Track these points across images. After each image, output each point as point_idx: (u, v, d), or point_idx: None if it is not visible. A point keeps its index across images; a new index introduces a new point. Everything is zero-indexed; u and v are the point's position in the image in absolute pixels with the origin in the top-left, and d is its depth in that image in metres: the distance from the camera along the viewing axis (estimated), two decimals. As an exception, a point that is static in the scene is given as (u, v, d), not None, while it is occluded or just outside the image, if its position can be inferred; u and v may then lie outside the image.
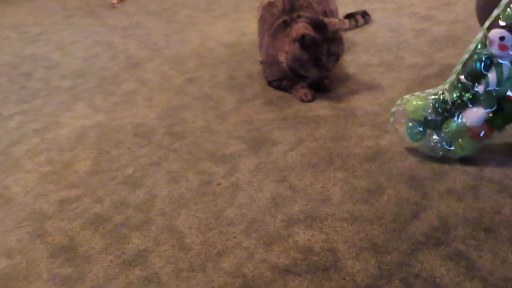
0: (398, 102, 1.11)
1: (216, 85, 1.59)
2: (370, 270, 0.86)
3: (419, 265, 0.85)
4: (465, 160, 1.07)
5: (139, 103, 1.57)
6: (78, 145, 1.41)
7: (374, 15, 1.88)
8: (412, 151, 1.13)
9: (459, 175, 1.03)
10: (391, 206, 0.99)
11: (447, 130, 1.04)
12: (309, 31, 1.30)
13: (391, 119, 1.13)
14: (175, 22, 2.25)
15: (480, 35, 1.00)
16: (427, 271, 0.84)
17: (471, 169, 1.04)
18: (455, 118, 1.04)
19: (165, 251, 0.99)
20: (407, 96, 1.10)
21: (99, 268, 0.98)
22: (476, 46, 1.01)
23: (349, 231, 0.94)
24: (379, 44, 1.65)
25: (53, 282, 0.96)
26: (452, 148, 1.06)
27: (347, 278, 0.85)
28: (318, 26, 1.31)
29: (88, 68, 1.91)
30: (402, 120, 1.11)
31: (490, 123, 1.02)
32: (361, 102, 1.35)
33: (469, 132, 1.03)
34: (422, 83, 1.37)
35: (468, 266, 0.83)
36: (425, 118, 1.08)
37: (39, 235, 1.09)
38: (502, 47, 0.96)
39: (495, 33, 0.95)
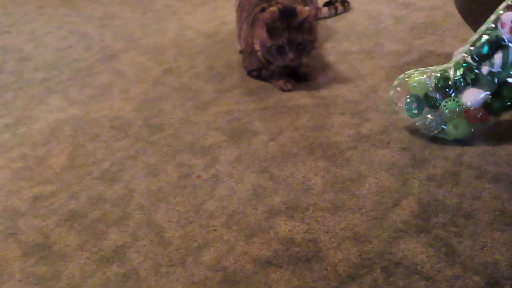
0: (401, 76, 1.11)
1: (195, 76, 1.55)
2: (351, 260, 0.85)
3: (400, 253, 0.85)
4: (444, 147, 1.07)
5: (116, 95, 1.53)
6: (52, 139, 1.36)
7: (353, 2, 1.87)
8: (393, 139, 1.12)
9: (439, 162, 1.03)
10: (372, 194, 0.98)
11: (445, 107, 1.04)
12: (269, 17, 1.27)
13: (391, 92, 1.12)
14: (152, 12, 2.19)
15: (493, 17, 1.00)
16: (408, 259, 0.84)
17: (451, 155, 1.04)
18: (454, 97, 1.04)
19: (144, 246, 0.96)
20: (410, 71, 1.10)
21: (75, 266, 0.95)
22: (487, 28, 1.00)
23: (330, 221, 0.94)
24: (359, 31, 1.64)
25: (27, 281, 0.93)
26: (446, 127, 1.06)
27: (329, 268, 0.84)
28: (288, 13, 1.29)
29: (62, 60, 1.84)
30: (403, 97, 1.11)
31: (487, 107, 1.02)
32: (342, 90, 1.34)
33: (466, 113, 1.03)
34: (402, 70, 1.35)
35: (449, 252, 0.84)
36: (425, 94, 1.08)
37: (12, 234, 1.05)
38: None
39: (509, 16, 0.95)
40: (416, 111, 1.09)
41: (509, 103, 1.02)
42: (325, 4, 1.82)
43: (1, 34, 2.22)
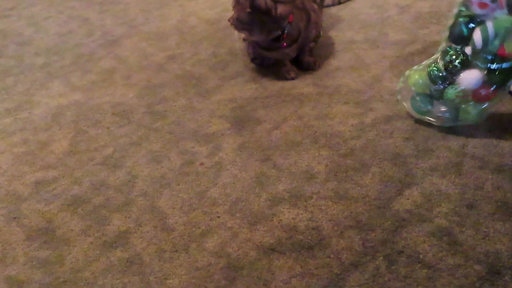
0: (401, 79, 1.12)
1: (198, 63, 1.54)
2: (354, 248, 0.86)
3: (403, 241, 0.86)
4: (448, 137, 1.07)
5: (118, 81, 1.52)
6: (54, 124, 1.36)
7: (358, -9, 1.84)
8: (396, 128, 1.12)
9: (442, 152, 1.04)
10: (375, 184, 0.98)
11: (445, 97, 1.04)
12: None
13: (399, 97, 1.14)
14: (153, -3, 2.17)
15: None
16: (411, 248, 0.84)
17: (454, 146, 1.05)
18: (452, 85, 1.03)
19: (147, 232, 0.96)
20: (407, 72, 1.11)
21: (78, 250, 0.95)
22: (460, 10, 1.01)
23: (333, 210, 0.94)
24: (363, 20, 1.63)
25: (31, 265, 0.93)
26: (458, 115, 1.05)
27: (332, 256, 0.85)
28: None
29: (63, 45, 1.83)
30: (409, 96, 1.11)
31: (489, 83, 1.01)
32: (346, 80, 1.33)
33: (472, 96, 1.03)
34: (406, 60, 1.36)
35: (451, 241, 0.84)
36: (429, 90, 1.07)
37: (15, 218, 1.06)
38: (482, 5, 0.96)
39: None
40: (425, 109, 1.09)
41: (507, 73, 0.99)
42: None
43: (0, 18, 2.19)
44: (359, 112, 1.20)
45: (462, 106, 1.04)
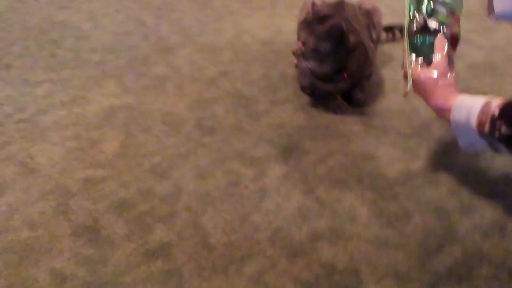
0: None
1: (249, 82, 1.58)
2: (392, 297, 0.87)
3: (441, 299, 0.86)
4: (494, 196, 1.07)
5: (170, 90, 1.57)
6: (106, 124, 1.41)
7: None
8: (443, 179, 1.13)
9: (487, 211, 1.04)
10: (417, 234, 0.99)
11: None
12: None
13: None
14: (209, 9, 2.22)
15: None
16: (448, 306, 0.85)
17: (500, 206, 1.04)
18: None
19: (189, 247, 0.99)
20: None
21: (121, 254, 0.99)
22: None
23: (373, 255, 0.95)
24: (416, 63, 1.63)
25: (75, 261, 0.97)
26: None
27: (369, 302, 0.86)
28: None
29: (119, 45, 1.89)
30: None
31: None
32: (394, 122, 1.34)
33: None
34: (457, 111, 1.36)
35: (490, 307, 0.84)
36: None
37: (63, 211, 1.10)
38: None
39: None
40: None
41: None
42: (385, 29, 1.81)
43: (60, 8, 2.28)
44: (406, 157, 1.20)
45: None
